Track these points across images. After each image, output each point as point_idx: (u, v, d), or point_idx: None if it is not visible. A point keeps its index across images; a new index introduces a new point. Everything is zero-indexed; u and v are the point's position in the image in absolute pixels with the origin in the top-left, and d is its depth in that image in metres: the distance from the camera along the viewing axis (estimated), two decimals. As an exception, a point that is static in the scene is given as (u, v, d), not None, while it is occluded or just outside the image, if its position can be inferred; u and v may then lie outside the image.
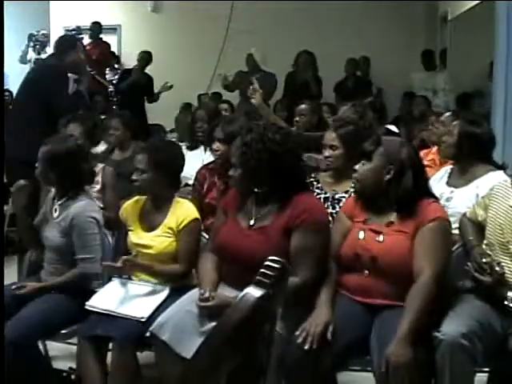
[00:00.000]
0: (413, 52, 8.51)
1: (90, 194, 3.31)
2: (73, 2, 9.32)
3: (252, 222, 2.76)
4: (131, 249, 3.09)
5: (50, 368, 3.10)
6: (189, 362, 2.07)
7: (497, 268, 2.56)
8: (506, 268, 2.60)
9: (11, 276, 3.51)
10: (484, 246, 2.73)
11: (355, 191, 2.83)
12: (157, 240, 3.01)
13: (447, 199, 3.38)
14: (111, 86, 8.75)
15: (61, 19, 9.38)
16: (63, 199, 3.09)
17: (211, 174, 3.77)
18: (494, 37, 4.94)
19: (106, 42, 9.15)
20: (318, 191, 3.36)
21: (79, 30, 8.82)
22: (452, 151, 3.46)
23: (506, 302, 2.56)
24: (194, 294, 2.75)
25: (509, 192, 2.73)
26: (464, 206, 3.16)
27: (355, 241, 2.68)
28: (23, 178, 4.19)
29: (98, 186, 3.84)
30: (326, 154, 3.38)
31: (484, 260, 2.60)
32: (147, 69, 8.42)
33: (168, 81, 8.04)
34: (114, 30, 9.81)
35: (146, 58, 8.42)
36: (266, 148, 2.68)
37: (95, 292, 2.99)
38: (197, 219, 3.05)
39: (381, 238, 2.64)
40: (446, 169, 3.58)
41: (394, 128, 5.42)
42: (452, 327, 2.43)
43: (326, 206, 3.26)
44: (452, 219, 3.01)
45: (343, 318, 2.58)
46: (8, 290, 3.00)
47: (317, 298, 2.65)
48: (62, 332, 2.98)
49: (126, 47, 9.81)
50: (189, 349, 2.46)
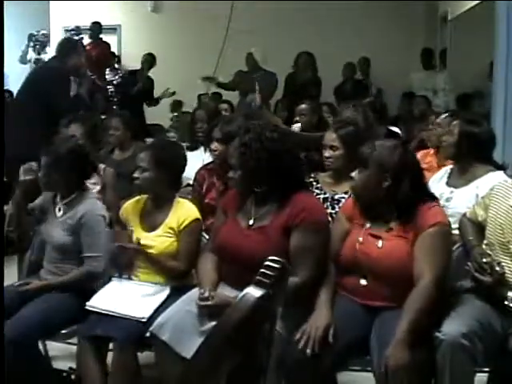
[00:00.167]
0: (413, 52, 8.51)
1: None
2: (73, 2, 9.32)
3: (251, 221, 2.76)
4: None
5: (50, 368, 3.10)
6: (189, 362, 2.07)
7: (497, 268, 2.56)
8: (506, 268, 2.60)
9: (11, 276, 3.51)
10: (484, 246, 2.72)
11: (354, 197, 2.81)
12: (158, 240, 3.01)
13: (447, 199, 3.38)
14: (111, 86, 8.76)
15: (61, 19, 9.39)
16: (68, 198, 3.10)
17: (210, 175, 3.77)
18: (493, 37, 4.94)
19: (106, 42, 9.14)
20: (317, 191, 3.36)
21: (78, 30, 8.84)
22: (452, 151, 3.46)
23: (506, 302, 2.55)
24: (193, 293, 2.75)
25: (509, 192, 2.73)
26: (464, 206, 3.16)
27: (354, 245, 2.67)
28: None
29: (99, 187, 3.85)
30: (326, 155, 3.38)
31: (484, 260, 2.60)
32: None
33: (169, 87, 8.09)
34: (113, 29, 9.81)
35: (149, 60, 8.41)
36: (265, 147, 2.68)
37: (96, 292, 2.99)
38: (198, 219, 3.05)
39: (380, 243, 2.62)
40: (446, 169, 3.58)
41: (395, 129, 5.42)
42: (452, 327, 2.43)
43: (325, 206, 3.26)
44: (452, 219, 3.01)
45: (343, 318, 2.57)
46: (9, 289, 3.00)
47: (316, 298, 2.64)
48: (62, 332, 2.98)
49: (125, 47, 9.81)
50: (189, 349, 2.46)
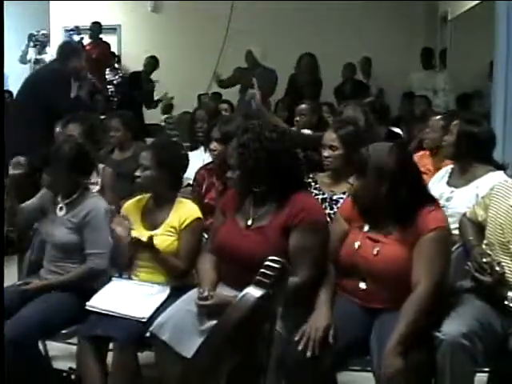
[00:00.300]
0: (413, 52, 8.50)
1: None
2: (73, 2, 9.33)
3: (250, 222, 2.76)
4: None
5: (50, 368, 3.10)
6: (189, 362, 2.07)
7: (497, 268, 2.56)
8: (506, 268, 2.59)
9: (11, 276, 3.51)
10: (484, 246, 2.72)
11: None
12: (159, 239, 3.00)
13: (447, 199, 3.38)
14: (111, 86, 8.77)
15: (61, 19, 9.40)
16: (71, 197, 3.10)
17: (210, 175, 3.77)
18: (493, 37, 4.94)
19: (106, 42, 9.14)
20: (315, 192, 3.35)
21: (78, 30, 8.85)
22: (451, 150, 3.46)
23: (506, 302, 2.55)
24: (193, 293, 2.75)
25: (509, 192, 2.73)
26: (464, 206, 3.16)
27: (352, 248, 2.65)
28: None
29: (98, 187, 3.84)
30: (326, 154, 3.36)
31: (484, 260, 2.60)
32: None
33: (170, 87, 8.12)
34: (113, 30, 9.81)
35: (152, 63, 8.43)
36: (263, 147, 2.68)
37: (96, 291, 2.98)
38: (199, 219, 3.06)
39: (378, 248, 2.59)
40: (447, 168, 3.58)
41: (397, 130, 5.43)
42: (452, 327, 2.43)
43: (323, 206, 3.25)
44: (452, 219, 3.02)
45: (343, 318, 2.57)
46: (9, 290, 2.99)
47: (316, 298, 2.64)
48: (62, 332, 2.98)
49: (125, 47, 9.81)
50: (189, 348, 2.47)
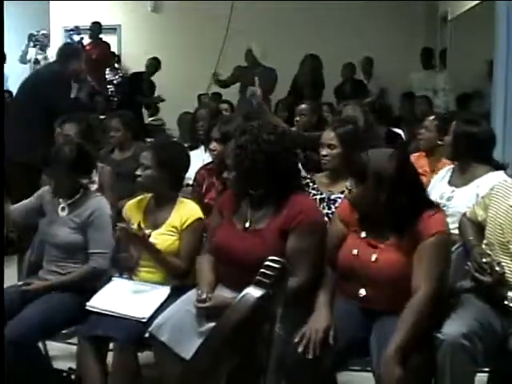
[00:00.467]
0: (413, 52, 8.49)
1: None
2: (73, 2, 9.32)
3: (247, 224, 2.76)
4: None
5: (50, 368, 3.10)
6: (188, 363, 2.06)
7: (497, 268, 2.56)
8: (506, 268, 2.59)
9: (11, 276, 3.51)
10: (484, 246, 2.72)
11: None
12: (160, 238, 3.00)
13: (448, 199, 3.38)
14: (111, 86, 8.77)
15: (61, 19, 9.40)
16: (73, 198, 3.11)
17: (210, 175, 3.76)
18: (493, 37, 4.94)
19: (105, 42, 9.15)
20: (313, 192, 3.34)
21: (78, 30, 8.85)
22: (449, 151, 3.47)
23: (506, 302, 2.55)
24: (192, 294, 2.75)
25: (509, 192, 2.73)
26: (464, 205, 3.15)
27: (350, 255, 2.62)
28: (20, 178, 4.21)
29: (96, 185, 3.82)
30: (324, 153, 3.35)
31: (484, 260, 2.59)
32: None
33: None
34: (113, 30, 9.81)
35: (154, 64, 8.45)
36: (261, 149, 2.67)
37: (96, 291, 2.98)
38: (200, 219, 3.06)
39: (376, 254, 2.57)
40: (449, 168, 3.57)
41: (397, 130, 5.42)
42: (453, 327, 2.43)
43: (321, 206, 3.25)
44: (453, 219, 3.02)
45: (343, 318, 2.57)
46: (10, 290, 2.99)
47: (315, 299, 2.63)
48: (62, 332, 2.98)
49: (125, 47, 9.81)
50: (188, 349, 2.47)
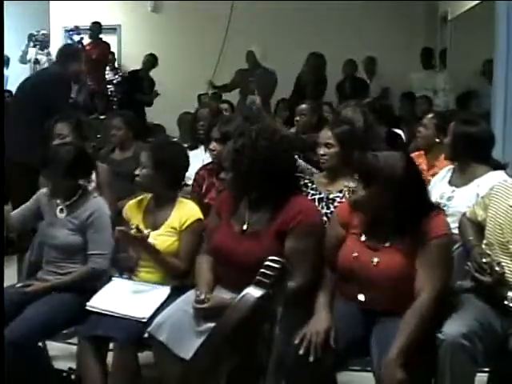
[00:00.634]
0: (413, 52, 8.49)
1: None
2: (73, 2, 9.33)
3: (245, 226, 2.76)
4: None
5: (50, 368, 3.10)
6: (188, 362, 2.06)
7: (497, 268, 2.56)
8: (506, 268, 2.59)
9: (11, 276, 3.51)
10: (484, 246, 2.72)
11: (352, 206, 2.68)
12: (159, 239, 3.00)
13: (448, 198, 3.38)
14: (111, 86, 8.77)
15: (61, 19, 9.41)
16: (71, 199, 3.10)
17: (210, 175, 3.76)
18: (493, 37, 4.95)
19: (105, 42, 9.15)
20: (312, 192, 3.34)
21: (78, 30, 8.86)
22: (448, 151, 3.47)
23: (506, 302, 2.55)
24: (192, 294, 2.75)
25: (509, 192, 2.73)
26: (465, 205, 3.15)
27: (350, 257, 2.60)
28: (20, 178, 4.21)
29: (93, 184, 3.80)
30: (321, 152, 3.34)
31: (484, 260, 2.59)
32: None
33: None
34: (113, 30, 9.82)
35: (151, 60, 8.45)
36: (258, 153, 2.67)
37: (97, 292, 2.98)
38: (200, 219, 3.06)
39: (377, 257, 2.56)
40: (449, 168, 3.57)
41: (398, 130, 5.42)
42: (453, 328, 2.42)
43: (320, 206, 3.24)
44: (453, 219, 3.02)
45: (342, 318, 2.57)
46: (9, 291, 2.99)
47: (314, 300, 2.63)
48: (62, 332, 2.98)
49: (125, 47, 9.82)
50: (187, 349, 2.46)
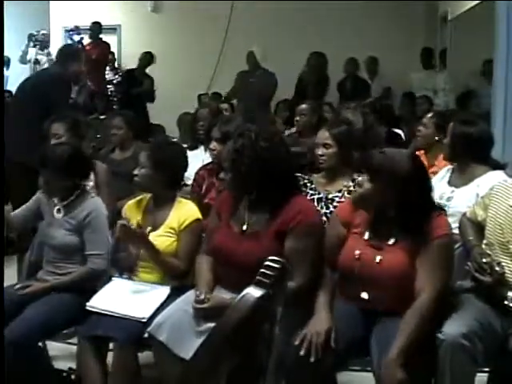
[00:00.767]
0: (413, 52, 8.49)
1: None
2: (73, 2, 9.33)
3: (245, 227, 2.76)
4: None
5: (50, 368, 3.10)
6: (188, 362, 2.07)
7: (497, 268, 2.56)
8: (506, 268, 2.59)
9: (11, 276, 3.51)
10: (484, 246, 2.72)
11: (354, 202, 2.68)
12: (158, 239, 3.00)
13: (448, 199, 3.38)
14: (111, 86, 8.77)
15: (61, 19, 9.41)
16: (68, 199, 3.10)
17: (210, 175, 3.76)
18: (493, 37, 4.95)
19: (105, 42, 9.15)
20: (311, 192, 3.34)
21: (78, 30, 8.86)
22: (447, 151, 3.48)
23: (506, 302, 2.55)
24: (191, 294, 2.75)
25: (509, 192, 2.73)
26: (464, 205, 3.15)
27: (352, 256, 2.59)
28: (20, 178, 4.21)
29: (92, 183, 3.79)
30: (319, 153, 3.34)
31: (484, 260, 2.59)
32: (147, 69, 8.45)
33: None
34: (113, 30, 9.82)
35: (147, 58, 8.44)
36: (257, 155, 2.67)
37: (96, 292, 2.98)
38: (199, 220, 3.05)
39: (380, 255, 2.55)
40: (448, 168, 3.57)
41: (398, 130, 5.42)
42: (453, 328, 2.42)
43: (319, 206, 3.25)
44: (453, 219, 3.02)
45: (343, 318, 2.57)
46: (9, 291, 2.99)
47: (314, 300, 2.63)
48: (62, 332, 2.98)
49: (125, 47, 9.82)
50: (187, 349, 2.46)
